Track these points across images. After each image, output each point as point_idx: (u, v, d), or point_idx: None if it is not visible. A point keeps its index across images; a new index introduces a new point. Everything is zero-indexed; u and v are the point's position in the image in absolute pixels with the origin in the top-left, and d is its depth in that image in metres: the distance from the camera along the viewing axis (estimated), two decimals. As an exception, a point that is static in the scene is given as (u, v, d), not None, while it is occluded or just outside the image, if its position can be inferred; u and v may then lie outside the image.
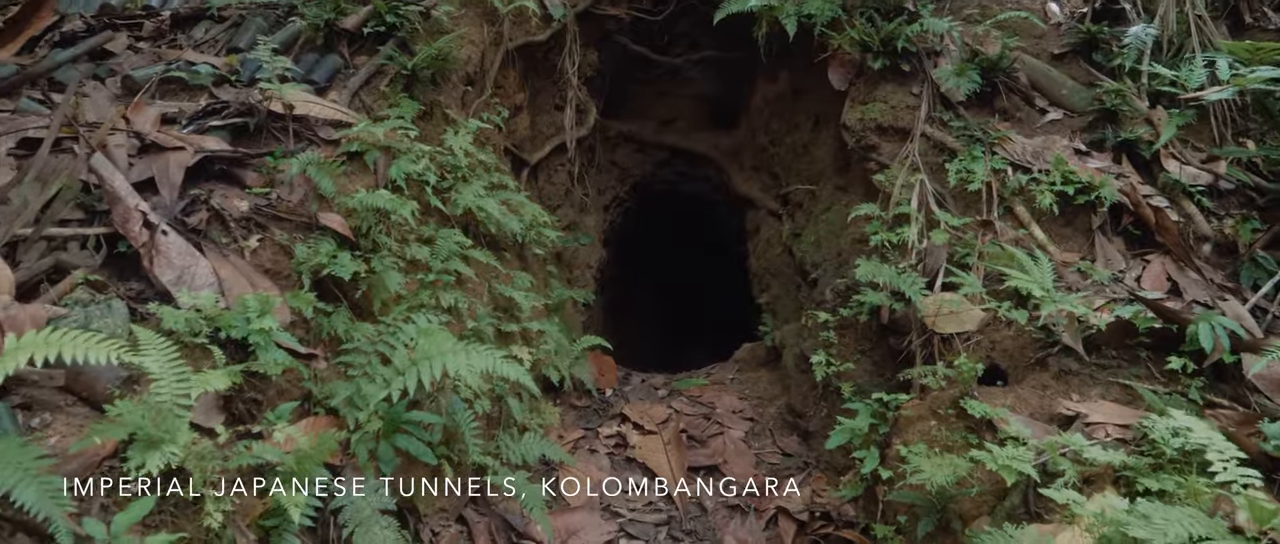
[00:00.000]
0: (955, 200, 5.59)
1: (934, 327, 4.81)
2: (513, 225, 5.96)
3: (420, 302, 4.83)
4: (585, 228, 8.58)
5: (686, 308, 12.83)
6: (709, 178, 9.66)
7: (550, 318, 6.58)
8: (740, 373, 7.16)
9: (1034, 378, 4.30)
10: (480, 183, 5.89)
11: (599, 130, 8.88)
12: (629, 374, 7.32)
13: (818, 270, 6.60)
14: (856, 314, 5.62)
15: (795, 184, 7.86)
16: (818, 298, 6.29)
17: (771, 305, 7.86)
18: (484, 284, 5.85)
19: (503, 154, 7.08)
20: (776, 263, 8.01)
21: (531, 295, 6.17)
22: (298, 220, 4.61)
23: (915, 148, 5.85)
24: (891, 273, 4.97)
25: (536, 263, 6.93)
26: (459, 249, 5.38)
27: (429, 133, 5.83)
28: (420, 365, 3.82)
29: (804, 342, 6.23)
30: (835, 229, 6.66)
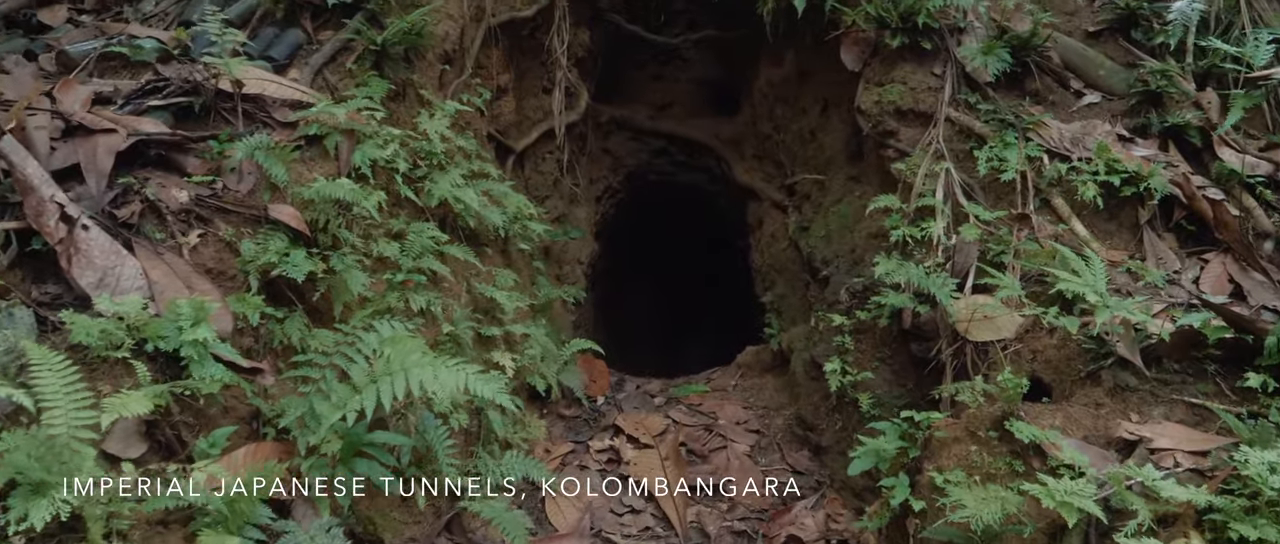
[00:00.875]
0: (985, 191, 5.10)
1: (967, 334, 4.32)
2: (494, 218, 5.46)
3: (387, 305, 4.33)
4: (575, 220, 8.08)
5: (685, 306, 12.33)
6: (708, 167, 9.17)
7: (536, 319, 6.08)
8: (743, 379, 6.67)
9: (1085, 394, 3.82)
10: (458, 171, 5.39)
11: (590, 116, 8.38)
12: (622, 379, 6.83)
13: (829, 267, 6.12)
14: (875, 317, 5.14)
15: (802, 174, 7.37)
16: (830, 298, 5.80)
17: (776, 305, 7.37)
18: (462, 283, 5.35)
19: (485, 140, 6.57)
20: (781, 258, 7.52)
21: (515, 295, 5.67)
22: (246, 213, 4.11)
23: (939, 133, 5.37)
24: (918, 273, 4.48)
25: (521, 259, 6.43)
26: (433, 245, 4.89)
27: (401, 115, 5.32)
28: (381, 382, 3.32)
29: (814, 346, 5.75)
30: (847, 222, 6.17)
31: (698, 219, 10.45)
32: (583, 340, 6.06)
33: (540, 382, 5.58)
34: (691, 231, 10.98)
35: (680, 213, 10.44)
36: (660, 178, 9.47)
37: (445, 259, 5.10)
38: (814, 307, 6.39)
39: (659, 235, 11.20)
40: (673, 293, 12.31)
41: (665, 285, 12.21)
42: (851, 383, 5.13)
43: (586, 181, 8.60)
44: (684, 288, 12.17)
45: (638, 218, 10.09)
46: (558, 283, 7.56)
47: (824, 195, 6.90)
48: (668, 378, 7.32)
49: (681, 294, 12.26)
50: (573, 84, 7.64)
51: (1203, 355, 3.68)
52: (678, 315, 12.46)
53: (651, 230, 10.89)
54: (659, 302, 12.27)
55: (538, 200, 7.58)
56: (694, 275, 11.77)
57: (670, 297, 12.33)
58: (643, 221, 10.35)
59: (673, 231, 11.15)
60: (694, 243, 11.20)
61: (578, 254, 8.04)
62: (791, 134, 7.70)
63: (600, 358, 6.69)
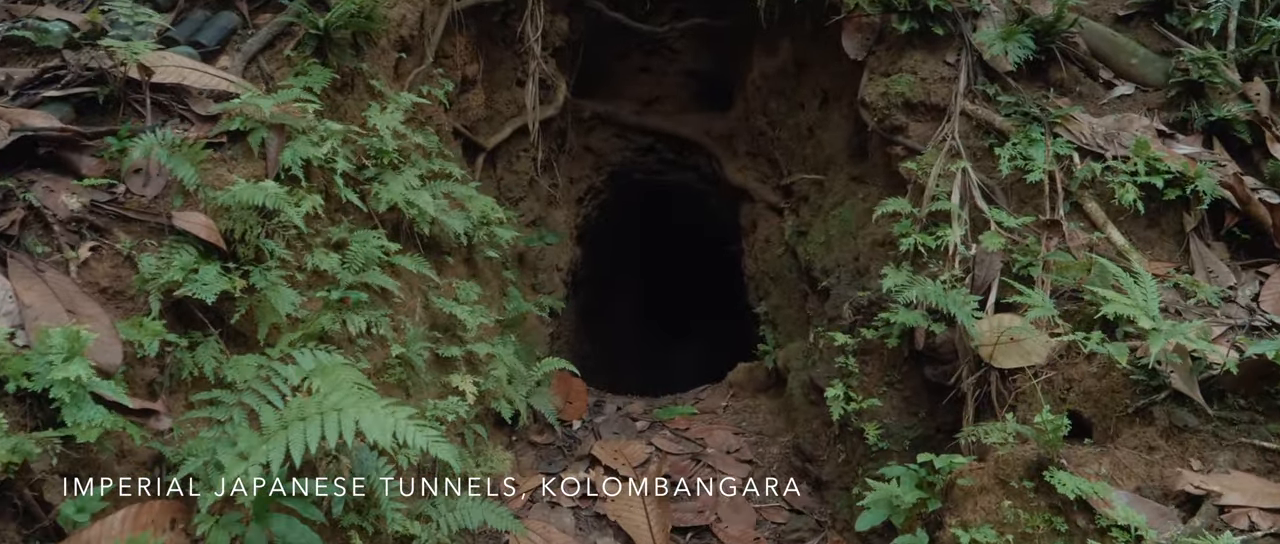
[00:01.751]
0: (1008, 194, 4.58)
1: (991, 360, 3.79)
2: (455, 224, 4.91)
3: (320, 327, 3.77)
4: (553, 224, 7.54)
5: (672, 314, 11.81)
6: (697, 166, 8.64)
7: (504, 336, 5.53)
8: (735, 400, 6.13)
9: (1134, 434, 3.29)
10: (414, 171, 4.84)
11: (570, 110, 7.84)
12: (602, 400, 6.29)
13: (829, 278, 5.58)
14: (882, 337, 4.60)
15: (799, 173, 6.84)
16: (831, 313, 5.27)
17: (771, 317, 6.83)
18: (417, 298, 4.80)
19: (449, 137, 6.03)
20: (777, 266, 6.99)
21: (480, 310, 5.13)
22: (151, 222, 3.55)
23: (954, 128, 4.84)
24: (934, 290, 3.95)
25: (489, 268, 5.88)
26: (381, 255, 4.33)
27: (348, 109, 4.77)
28: (293, 428, 2.77)
29: (814, 367, 5.21)
30: (850, 228, 5.63)
31: (687, 221, 9.93)
32: (556, 359, 5.51)
33: (505, 407, 5.04)
34: (680, 235, 10.45)
35: (668, 215, 9.92)
36: (646, 177, 8.94)
37: (397, 271, 4.56)
38: (813, 321, 5.85)
39: (645, 239, 10.67)
40: (660, 300, 11.78)
41: (652, 292, 11.68)
42: (856, 411, 4.59)
43: (566, 181, 8.05)
44: (672, 295, 11.64)
45: (622, 220, 9.56)
46: (533, 293, 7.01)
47: (823, 197, 6.37)
48: (652, 397, 6.79)
49: (669, 301, 11.74)
50: (549, 76, 7.10)
51: (1276, 391, 3.15)
52: (665, 323, 11.94)
53: (637, 233, 10.36)
54: (645, 309, 11.75)
55: (511, 202, 7.04)
56: (683, 281, 11.24)
57: (657, 304, 11.81)
58: (627, 224, 9.82)
59: (660, 235, 10.63)
60: (683, 247, 10.68)
61: (556, 260, 7.49)
62: (788, 130, 7.17)
63: (577, 376, 6.15)
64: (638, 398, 6.58)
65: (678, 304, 11.68)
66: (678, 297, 11.61)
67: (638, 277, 11.28)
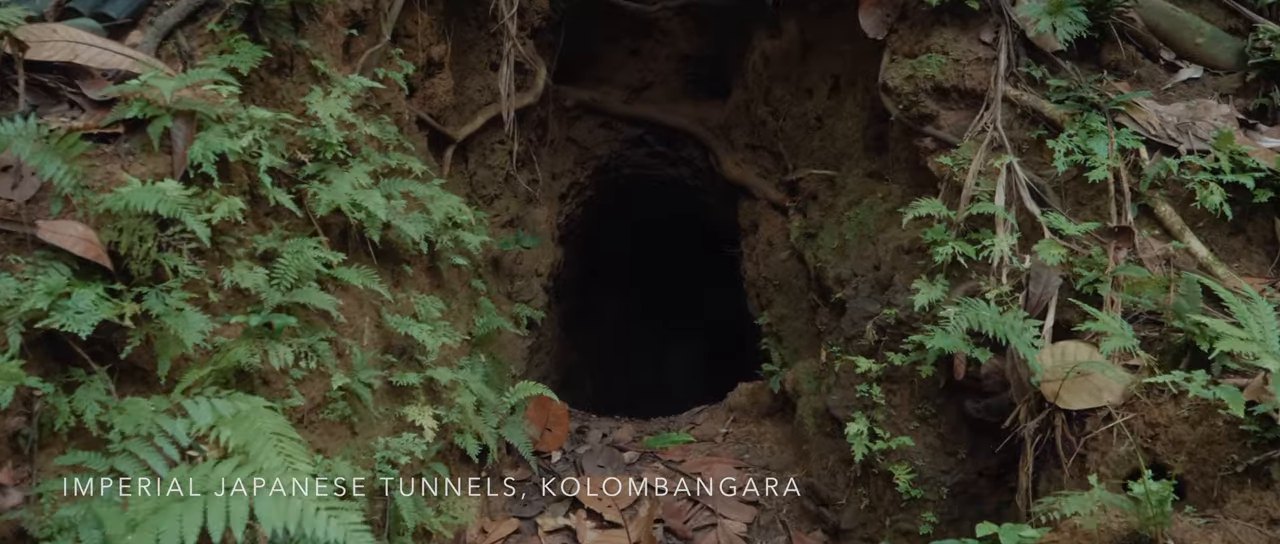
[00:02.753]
0: (1062, 195, 3.95)
1: (1057, 399, 3.15)
2: (412, 229, 4.26)
3: (236, 360, 3.11)
4: (532, 224, 6.88)
5: (664, 320, 11.17)
6: (692, 159, 8.00)
7: (474, 356, 4.88)
8: (736, 426, 5.49)
9: (1246, 500, 2.67)
10: (364, 167, 4.17)
11: (552, 98, 7.18)
12: (585, 425, 5.64)
13: (845, 289, 4.94)
14: (913, 363, 3.96)
15: (806, 168, 6.20)
16: (849, 330, 4.62)
17: (776, 329, 6.19)
18: (367, 317, 4.14)
19: (412, 127, 5.37)
20: (781, 271, 6.35)
21: (443, 328, 4.47)
22: (18, 233, 2.89)
23: (996, 117, 4.20)
24: (990, 316, 3.32)
25: (456, 277, 5.22)
26: (320, 268, 3.67)
27: (286, 94, 4.11)
28: (163, 517, 2.11)
29: (829, 392, 4.58)
30: (868, 231, 5.00)
31: (680, 220, 9.29)
32: (532, 384, 4.85)
33: (472, 443, 4.38)
34: (672, 235, 9.82)
35: (659, 213, 9.27)
36: (636, 172, 8.29)
37: (341, 287, 3.90)
38: (824, 337, 5.22)
39: (634, 238, 10.03)
40: (652, 306, 11.15)
41: (642, 295, 11.05)
42: (883, 450, 3.96)
43: (547, 177, 7.39)
44: (664, 300, 11.00)
45: (610, 219, 8.92)
46: (509, 302, 6.35)
47: (835, 195, 5.73)
48: (643, 420, 6.16)
49: (661, 307, 11.10)
50: (527, 59, 6.43)
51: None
52: (656, 328, 11.30)
53: (626, 233, 9.72)
54: (635, 313, 11.11)
55: (484, 201, 6.38)
56: (675, 284, 10.61)
57: (648, 308, 11.17)
58: (615, 223, 9.17)
59: (650, 234, 9.99)
60: (675, 248, 10.04)
61: (535, 265, 6.83)
62: (793, 120, 6.52)
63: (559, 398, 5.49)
64: (625, 421, 5.94)
65: (669, 308, 11.05)
66: (669, 300, 10.98)
67: (626, 279, 10.63)
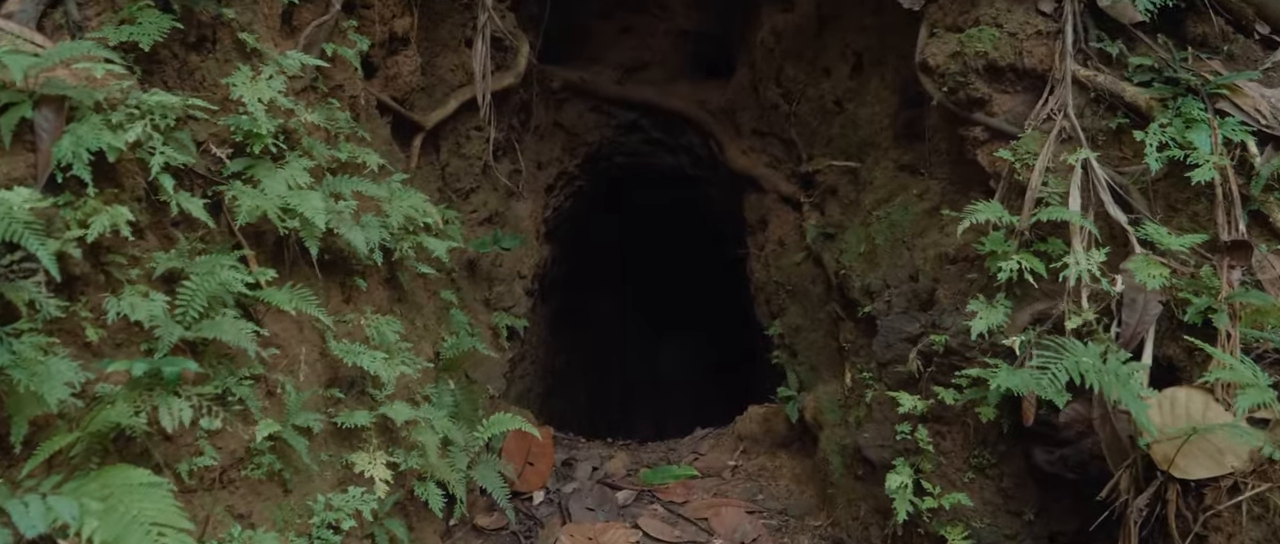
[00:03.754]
0: (1151, 198, 3.28)
1: (1171, 467, 2.49)
2: (361, 237, 3.58)
3: (112, 422, 2.43)
4: (514, 221, 6.21)
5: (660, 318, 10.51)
6: (692, 147, 7.34)
7: (440, 382, 4.21)
8: (747, 458, 4.84)
9: None
10: (303, 163, 3.49)
11: (536, 79, 6.51)
12: (573, 454, 4.97)
13: (874, 302, 4.28)
14: (970, 403, 3.30)
15: (824, 159, 5.53)
16: (882, 354, 3.97)
17: (789, 340, 5.53)
18: (306, 345, 3.47)
19: (371, 113, 4.69)
20: (795, 275, 5.68)
21: (403, 353, 3.81)
22: None
23: (1065, 102, 3.53)
24: (1092, 365, 2.65)
25: (420, 288, 4.55)
26: (241, 289, 2.99)
27: (207, 74, 3.42)
28: None
29: (860, 429, 3.93)
30: (902, 235, 4.34)
31: (679, 213, 8.63)
32: (509, 416, 4.17)
33: (435, 493, 3.70)
34: (671, 228, 9.15)
35: (657, 205, 8.60)
36: (630, 160, 7.63)
37: (268, 311, 3.22)
38: (850, 357, 4.56)
39: (629, 233, 9.36)
40: (646, 304, 10.49)
41: (638, 295, 10.39)
42: (932, 509, 3.30)
43: (531, 167, 6.71)
44: (661, 297, 10.35)
45: (602, 211, 8.25)
46: (487, 310, 5.68)
47: (859, 190, 5.06)
48: (638, 445, 5.51)
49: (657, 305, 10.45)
50: (507, 34, 5.74)
51: None
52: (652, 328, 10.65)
53: (620, 227, 9.04)
54: (628, 314, 10.46)
55: (459, 196, 5.70)
56: (674, 283, 9.96)
57: (643, 308, 10.52)
58: (608, 216, 8.50)
59: (647, 228, 9.33)
60: (674, 242, 9.37)
61: (517, 266, 6.16)
62: (808, 103, 5.84)
63: (541, 424, 4.84)
64: (619, 447, 5.29)
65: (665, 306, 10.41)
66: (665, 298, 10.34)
67: (619, 276, 9.97)
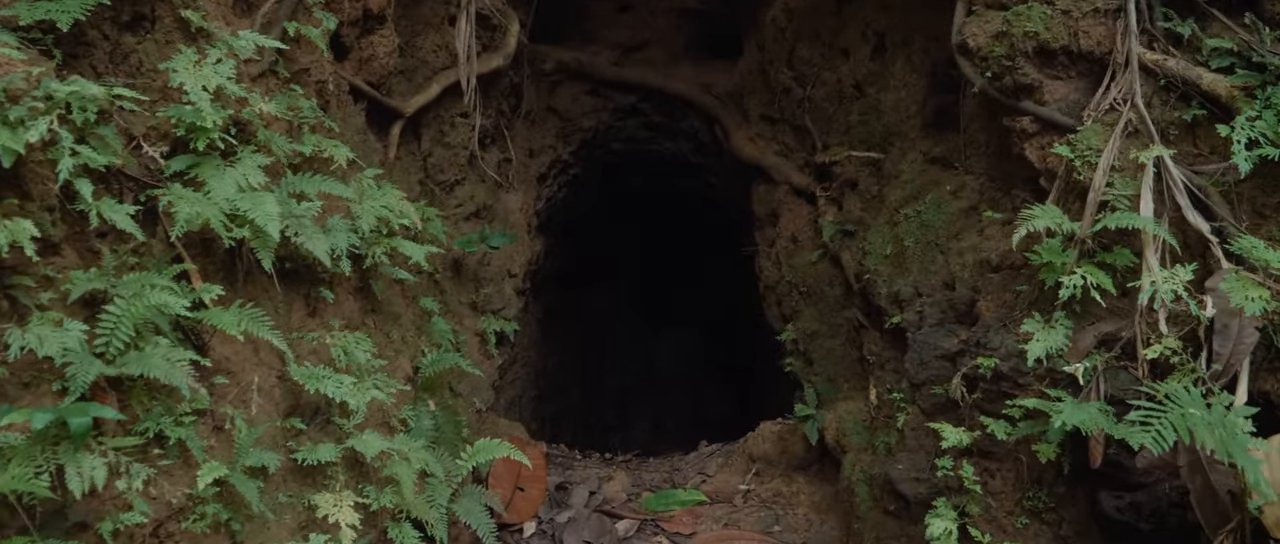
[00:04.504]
0: (1236, 205, 2.86)
1: None
2: (324, 245, 3.15)
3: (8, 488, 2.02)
4: (503, 214, 5.79)
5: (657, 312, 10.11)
6: (695, 132, 6.94)
7: (419, 403, 3.80)
8: (761, 481, 4.44)
9: None
10: (257, 161, 3.07)
11: (527, 60, 6.07)
12: (567, 477, 4.57)
13: (904, 312, 3.88)
14: (1024, 438, 2.90)
15: (842, 149, 5.11)
16: (915, 372, 3.57)
17: (805, 349, 5.12)
18: (262, 370, 3.06)
19: (343, 99, 4.26)
20: (810, 275, 5.27)
21: (376, 375, 3.39)
22: None
23: (1131, 90, 3.11)
24: (1199, 417, 2.24)
25: (397, 296, 4.13)
26: (178, 312, 2.58)
27: (145, 58, 3.00)
28: None
29: (891, 458, 3.53)
30: (935, 235, 3.93)
31: (681, 203, 8.21)
32: (495, 443, 3.75)
33: (411, 535, 3.30)
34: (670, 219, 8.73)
35: (656, 194, 8.18)
36: (628, 146, 7.25)
37: (213, 336, 2.81)
38: (875, 371, 4.17)
39: (626, 223, 8.95)
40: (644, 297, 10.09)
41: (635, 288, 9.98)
42: (983, 559, 2.91)
43: (522, 155, 6.30)
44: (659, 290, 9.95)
45: (598, 201, 7.83)
46: (474, 314, 5.27)
47: (882, 184, 4.65)
48: (639, 461, 5.11)
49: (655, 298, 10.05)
50: (494, 12, 5.30)
51: None
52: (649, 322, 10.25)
53: (616, 217, 8.63)
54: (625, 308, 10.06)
55: (443, 189, 5.28)
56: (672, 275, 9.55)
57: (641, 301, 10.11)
58: (604, 206, 8.08)
59: (645, 218, 8.91)
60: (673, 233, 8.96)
61: (507, 264, 5.75)
62: (824, 87, 5.42)
63: (531, 443, 4.43)
64: (617, 465, 4.89)
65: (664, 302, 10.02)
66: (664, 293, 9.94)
67: (615, 268, 9.56)
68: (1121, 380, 2.76)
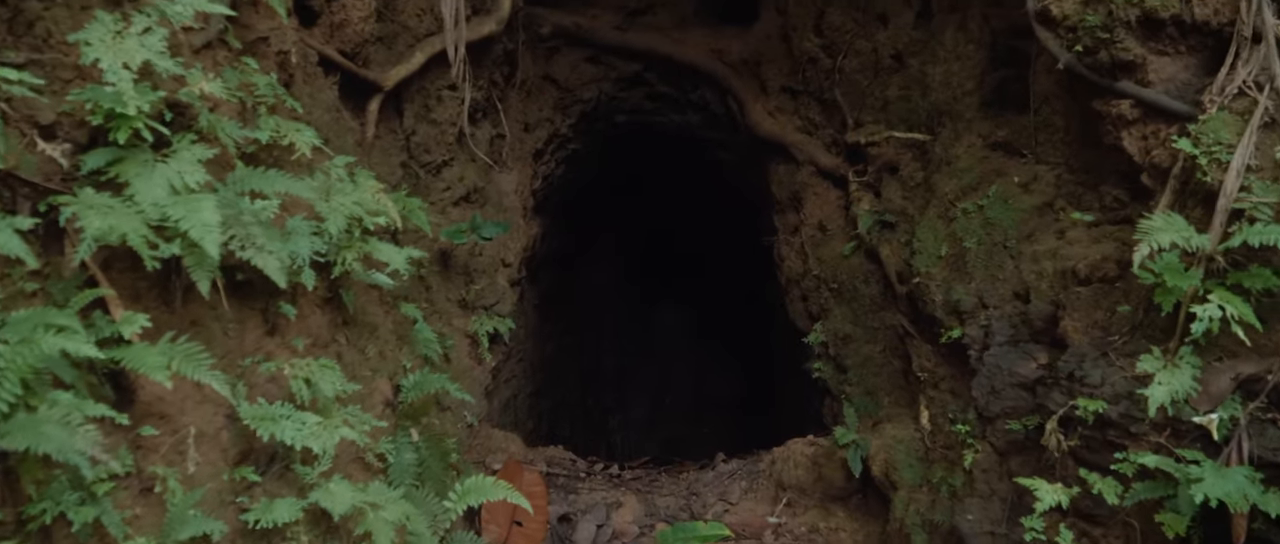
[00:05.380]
0: None
1: None
2: (275, 262, 2.59)
3: None
4: (496, 196, 5.24)
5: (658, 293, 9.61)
6: (706, 104, 6.40)
7: (400, 434, 3.26)
8: (793, 512, 3.91)
9: None
10: (194, 154, 2.52)
11: (522, 24, 5.48)
12: (571, 508, 4.05)
13: (966, 327, 3.36)
14: (1140, 503, 2.37)
15: (880, 128, 4.56)
16: (985, 401, 3.05)
17: (837, 355, 4.60)
18: (206, 412, 2.52)
19: (310, 72, 3.70)
20: (842, 270, 4.74)
21: (342, 413, 2.85)
22: None
23: (1274, 70, 2.56)
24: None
25: (373, 304, 3.59)
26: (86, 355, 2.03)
27: (55, 27, 2.44)
28: None
29: (959, 506, 3.02)
30: (1004, 236, 3.41)
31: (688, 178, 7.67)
32: (489, 481, 3.21)
33: (390, 604, 2.78)
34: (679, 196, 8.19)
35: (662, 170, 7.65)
36: (633, 119, 6.71)
37: (137, 383, 2.27)
38: (925, 389, 3.64)
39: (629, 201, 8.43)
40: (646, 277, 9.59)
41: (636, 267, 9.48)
42: (1089, 650, 2.40)
43: (518, 130, 5.75)
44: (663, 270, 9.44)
45: (599, 178, 7.29)
46: (464, 313, 4.73)
47: (931, 171, 4.10)
48: (649, 475, 4.60)
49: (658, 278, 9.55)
50: (486, -30, 4.71)
51: None
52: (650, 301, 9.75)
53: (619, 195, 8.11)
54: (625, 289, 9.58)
55: (429, 170, 4.75)
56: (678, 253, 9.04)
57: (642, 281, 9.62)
58: (606, 183, 7.55)
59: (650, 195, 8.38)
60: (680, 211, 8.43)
61: (502, 253, 5.20)
62: (857, 57, 4.88)
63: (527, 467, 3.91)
64: (626, 486, 4.36)
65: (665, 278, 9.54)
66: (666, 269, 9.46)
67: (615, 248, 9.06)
68: (1270, 437, 2.25)
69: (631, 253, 9.66)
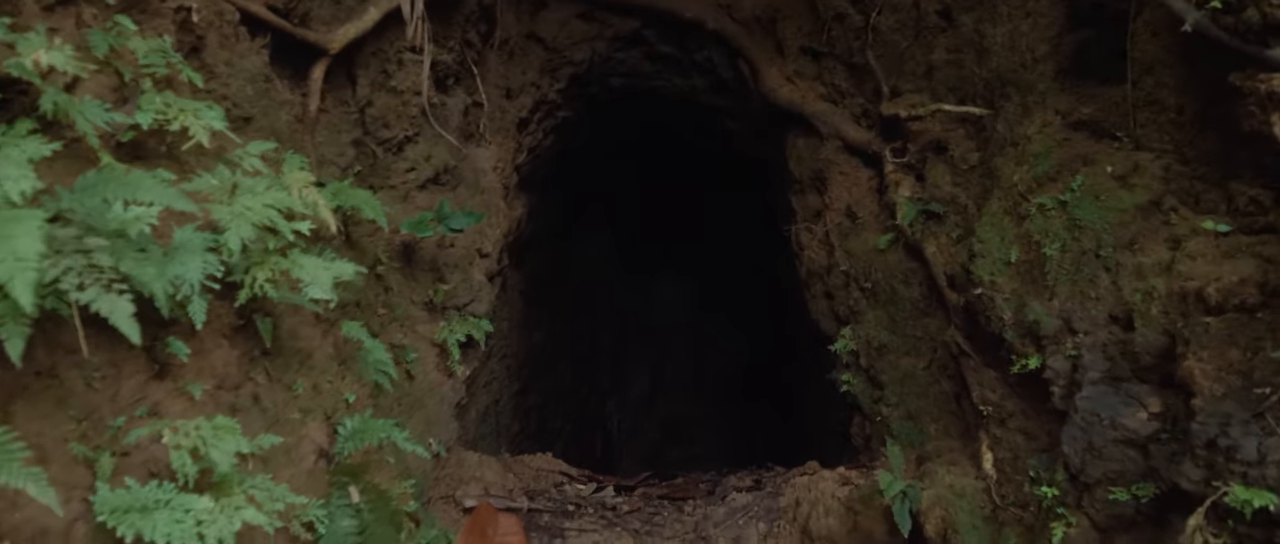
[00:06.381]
0: None
1: None
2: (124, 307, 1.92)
3: None
4: (471, 176, 4.55)
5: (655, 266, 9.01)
6: (712, 66, 5.71)
7: (333, 497, 2.60)
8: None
9: None
10: (27, 151, 1.86)
11: (501, -25, 4.75)
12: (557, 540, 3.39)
13: (1050, 353, 2.69)
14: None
15: (923, 100, 3.86)
16: (1081, 459, 2.40)
17: (870, 367, 3.93)
18: (24, 523, 1.85)
19: (230, 32, 2.99)
20: (877, 266, 4.06)
21: (245, 486, 2.19)
22: None
23: None
24: None
25: (305, 328, 2.90)
26: None
27: None
28: None
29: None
30: (1094, 241, 2.74)
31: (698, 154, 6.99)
32: None
33: None
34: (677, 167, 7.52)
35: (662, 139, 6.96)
36: (629, 83, 6.01)
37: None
38: (989, 425, 2.98)
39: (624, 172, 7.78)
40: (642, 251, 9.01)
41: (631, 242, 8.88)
42: None
43: (498, 97, 5.06)
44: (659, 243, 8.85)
45: (591, 147, 6.60)
46: (430, 319, 4.05)
47: (992, 153, 3.41)
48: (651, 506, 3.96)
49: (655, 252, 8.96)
50: (453, -91, 3.98)
51: None
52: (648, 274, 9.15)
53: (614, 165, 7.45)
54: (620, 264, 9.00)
55: (389, 149, 4.08)
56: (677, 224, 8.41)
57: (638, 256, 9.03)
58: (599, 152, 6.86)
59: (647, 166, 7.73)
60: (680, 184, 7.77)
61: (478, 242, 4.53)
62: (895, 14, 4.16)
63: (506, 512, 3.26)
64: (623, 529, 3.71)
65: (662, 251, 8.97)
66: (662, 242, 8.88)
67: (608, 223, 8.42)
68: None
69: (626, 221, 9.02)
